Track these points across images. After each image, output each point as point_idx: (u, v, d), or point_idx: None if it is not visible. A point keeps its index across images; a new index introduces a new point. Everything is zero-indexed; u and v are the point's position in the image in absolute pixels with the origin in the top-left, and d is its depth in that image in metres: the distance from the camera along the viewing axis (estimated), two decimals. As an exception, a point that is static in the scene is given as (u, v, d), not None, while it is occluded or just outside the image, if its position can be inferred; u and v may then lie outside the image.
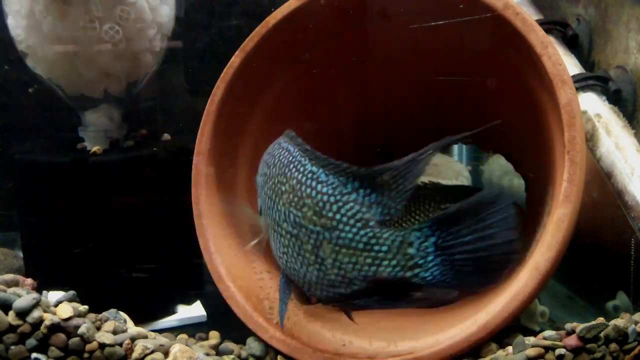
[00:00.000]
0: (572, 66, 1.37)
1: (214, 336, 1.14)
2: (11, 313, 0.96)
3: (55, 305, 1.01)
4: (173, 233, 1.30)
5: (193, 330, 1.20)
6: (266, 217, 0.96)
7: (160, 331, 1.10)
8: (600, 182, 1.22)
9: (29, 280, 1.15)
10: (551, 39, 1.08)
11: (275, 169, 0.94)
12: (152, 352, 0.98)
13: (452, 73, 1.21)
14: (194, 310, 1.39)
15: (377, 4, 1.18)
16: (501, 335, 0.97)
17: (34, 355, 0.96)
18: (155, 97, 1.49)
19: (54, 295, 1.06)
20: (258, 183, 1.01)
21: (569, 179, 0.95)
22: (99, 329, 1.01)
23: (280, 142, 0.98)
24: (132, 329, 1.04)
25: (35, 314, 0.96)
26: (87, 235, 1.25)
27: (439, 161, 1.69)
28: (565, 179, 0.96)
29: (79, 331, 0.97)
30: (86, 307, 1.02)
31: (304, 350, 1.04)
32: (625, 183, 1.18)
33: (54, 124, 1.55)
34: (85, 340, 0.97)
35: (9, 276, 1.08)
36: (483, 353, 0.95)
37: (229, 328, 1.15)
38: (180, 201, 1.23)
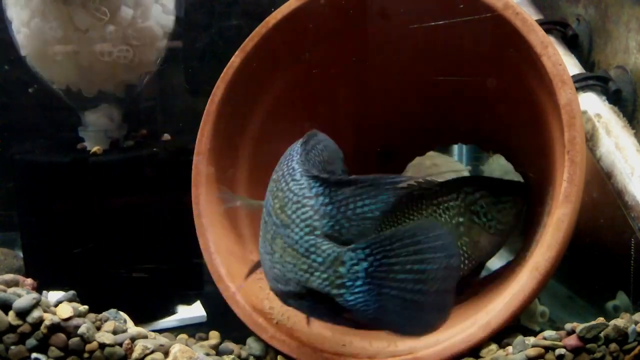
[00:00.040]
0: (572, 66, 1.37)
1: (214, 336, 1.14)
2: (11, 313, 0.96)
3: (55, 305, 1.01)
4: (173, 233, 1.30)
5: (193, 330, 1.20)
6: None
7: (160, 331, 1.10)
8: (600, 182, 1.21)
9: (29, 280, 1.15)
10: (551, 39, 1.08)
11: (281, 158, 0.97)
12: (152, 352, 0.98)
13: (452, 73, 1.21)
14: (194, 310, 1.38)
15: (377, 4, 1.18)
16: (501, 335, 0.97)
17: (34, 355, 0.96)
18: (155, 97, 1.49)
19: (54, 295, 1.06)
20: None
21: (569, 179, 0.95)
22: (99, 329, 1.01)
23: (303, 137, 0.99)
24: (132, 329, 1.04)
25: (35, 314, 0.96)
26: (87, 235, 1.25)
27: (439, 161, 1.69)
28: (565, 179, 0.96)
29: (79, 331, 0.97)
30: (86, 307, 1.02)
31: (304, 350, 1.04)
32: (625, 183, 1.18)
33: (54, 124, 1.55)
34: (85, 340, 0.97)
35: (9, 276, 1.08)
36: (483, 353, 0.95)
37: (229, 328, 1.15)
38: (180, 201, 1.23)
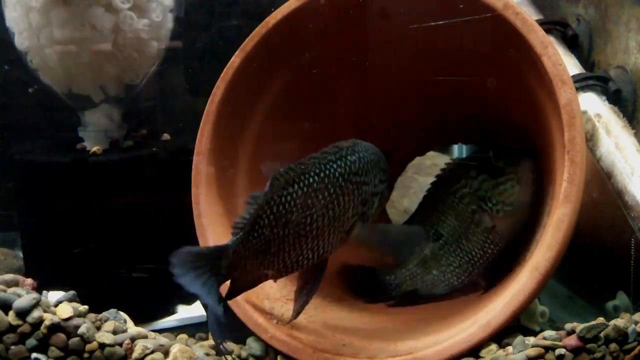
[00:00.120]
0: (572, 66, 1.37)
1: (214, 336, 1.14)
2: (11, 313, 0.96)
3: (55, 305, 1.01)
4: (173, 233, 1.30)
5: (193, 330, 1.20)
6: None
7: (160, 331, 1.10)
8: (600, 182, 1.21)
9: (29, 280, 1.15)
10: (551, 39, 1.08)
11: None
12: (152, 352, 0.98)
13: (452, 73, 1.21)
14: (194, 310, 1.38)
15: (377, 4, 1.18)
16: (501, 335, 0.97)
17: (34, 355, 0.96)
18: (155, 97, 1.49)
19: (54, 295, 1.06)
20: None
21: (569, 179, 0.95)
22: (99, 329, 1.01)
23: None
24: (132, 329, 1.04)
25: (35, 314, 0.96)
26: (87, 235, 1.25)
27: (439, 161, 1.69)
28: (565, 179, 0.96)
29: (79, 331, 0.97)
30: (86, 307, 1.02)
31: (304, 350, 1.04)
32: (625, 183, 1.18)
33: (54, 124, 1.55)
34: (85, 340, 0.97)
35: (9, 276, 1.08)
36: (483, 353, 0.95)
37: (229, 328, 1.15)
38: (180, 201, 1.23)
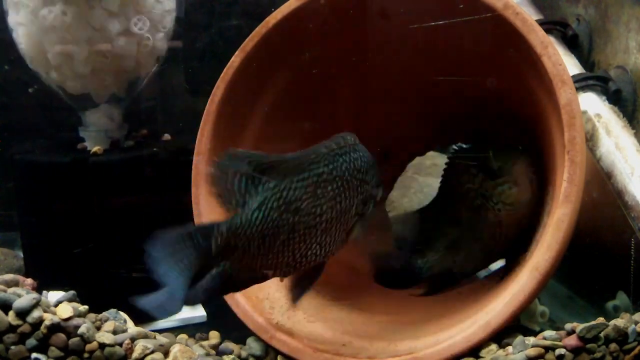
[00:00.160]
0: (572, 66, 1.37)
1: (214, 336, 1.14)
2: (11, 313, 0.96)
3: (55, 305, 1.01)
4: (173, 233, 1.30)
5: (193, 330, 1.20)
6: None
7: (160, 331, 1.10)
8: (600, 182, 1.21)
9: (29, 280, 1.15)
10: (551, 39, 1.08)
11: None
12: (152, 352, 0.98)
13: (452, 73, 1.21)
14: (194, 310, 1.38)
15: (377, 4, 1.18)
16: (501, 335, 0.97)
17: (34, 355, 0.96)
18: (156, 97, 1.49)
19: (54, 295, 1.06)
20: None
21: (569, 179, 0.95)
22: (99, 329, 1.01)
23: None
24: (132, 329, 1.04)
25: (35, 314, 0.96)
26: (87, 235, 1.25)
27: (439, 161, 1.69)
28: (565, 179, 0.96)
29: (79, 331, 0.97)
30: (86, 307, 1.02)
31: (304, 350, 1.04)
32: (625, 183, 1.18)
33: (54, 124, 1.55)
34: (85, 340, 0.97)
35: (9, 276, 1.08)
36: (483, 353, 0.95)
37: (229, 328, 1.15)
38: (180, 201, 1.23)
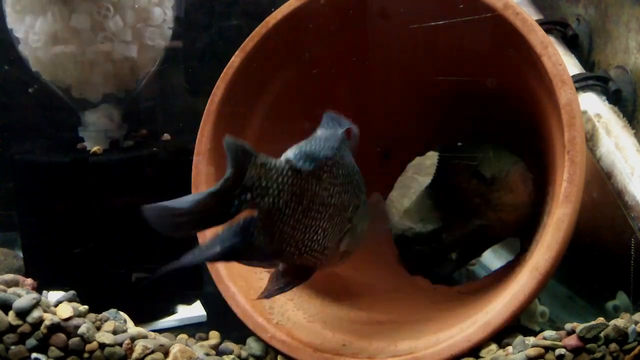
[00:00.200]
0: (572, 66, 1.37)
1: (214, 336, 1.14)
2: (11, 313, 0.96)
3: (55, 305, 1.01)
4: (173, 233, 1.30)
5: (193, 330, 1.20)
6: None
7: (160, 331, 1.10)
8: (600, 182, 1.22)
9: (29, 280, 1.15)
10: (551, 39, 1.08)
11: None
12: (152, 352, 0.98)
13: (452, 73, 1.21)
14: (194, 310, 1.38)
15: (377, 4, 1.18)
16: (501, 335, 0.97)
17: (34, 355, 0.96)
18: (155, 97, 1.49)
19: (54, 295, 1.05)
20: None
21: (569, 179, 0.95)
22: (99, 329, 1.01)
23: None
24: (132, 329, 1.04)
25: (35, 314, 0.96)
26: (87, 235, 1.25)
27: (439, 161, 1.69)
28: (565, 179, 0.96)
29: (79, 331, 0.97)
30: (86, 307, 1.02)
31: (304, 350, 1.04)
32: (625, 183, 1.18)
33: (54, 124, 1.55)
34: (85, 340, 0.97)
35: (9, 276, 1.08)
36: (483, 353, 0.95)
37: (229, 328, 1.15)
38: (180, 201, 1.23)
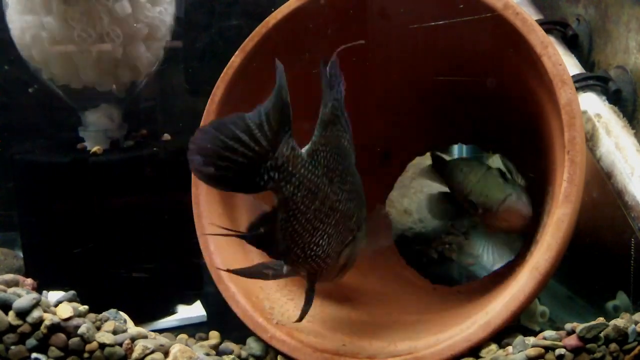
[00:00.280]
0: (572, 66, 1.37)
1: (214, 336, 1.14)
2: (11, 313, 0.96)
3: (55, 305, 1.01)
4: (173, 233, 1.30)
5: (193, 330, 1.20)
6: None
7: (160, 331, 1.10)
8: (600, 182, 1.21)
9: (29, 280, 1.15)
10: (551, 39, 1.08)
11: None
12: (152, 352, 0.98)
13: (452, 73, 1.21)
14: (194, 310, 1.38)
15: (377, 4, 1.18)
16: (501, 335, 0.97)
17: (34, 355, 0.96)
18: (155, 97, 1.49)
19: (54, 295, 1.05)
20: None
21: (569, 179, 0.95)
22: (99, 329, 1.01)
23: None
24: (132, 329, 1.04)
25: (35, 314, 0.96)
26: (87, 235, 1.25)
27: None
28: (565, 179, 0.96)
29: (79, 331, 0.97)
30: (86, 307, 1.02)
31: (304, 350, 1.04)
32: (625, 183, 1.18)
33: (54, 124, 1.55)
34: (85, 340, 0.97)
35: (9, 276, 1.08)
36: (483, 353, 0.95)
37: (229, 328, 1.15)
38: (180, 201, 1.23)
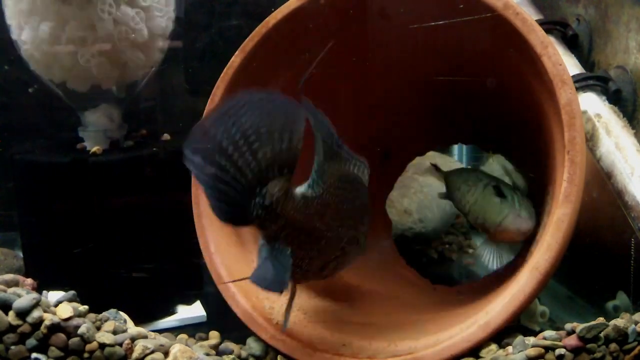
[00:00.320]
0: (572, 66, 1.37)
1: (214, 336, 1.14)
2: (11, 313, 0.96)
3: (55, 305, 1.01)
4: (173, 233, 1.30)
5: (193, 330, 1.20)
6: None
7: (160, 331, 1.10)
8: (600, 182, 1.22)
9: (29, 280, 1.15)
10: (551, 39, 1.08)
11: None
12: (152, 352, 0.98)
13: (452, 73, 1.21)
14: (194, 310, 1.38)
15: (377, 4, 1.18)
16: (501, 335, 0.97)
17: (34, 355, 0.96)
18: (155, 97, 1.49)
19: (54, 295, 1.05)
20: None
21: (569, 179, 0.95)
22: (99, 329, 1.01)
23: None
24: (132, 329, 1.04)
25: (35, 314, 0.96)
26: (87, 235, 1.25)
27: (439, 161, 1.69)
28: (565, 179, 0.96)
29: (79, 331, 0.97)
30: (86, 307, 1.02)
31: (304, 350, 1.04)
32: (625, 183, 1.18)
33: (54, 124, 1.55)
34: (85, 340, 0.97)
35: (9, 276, 1.08)
36: (483, 353, 0.95)
37: (229, 328, 1.15)
38: (180, 201, 1.23)
